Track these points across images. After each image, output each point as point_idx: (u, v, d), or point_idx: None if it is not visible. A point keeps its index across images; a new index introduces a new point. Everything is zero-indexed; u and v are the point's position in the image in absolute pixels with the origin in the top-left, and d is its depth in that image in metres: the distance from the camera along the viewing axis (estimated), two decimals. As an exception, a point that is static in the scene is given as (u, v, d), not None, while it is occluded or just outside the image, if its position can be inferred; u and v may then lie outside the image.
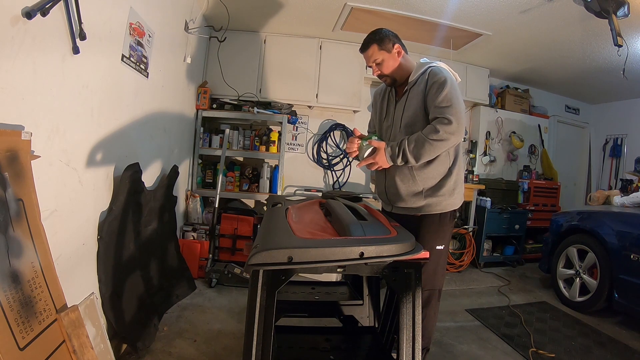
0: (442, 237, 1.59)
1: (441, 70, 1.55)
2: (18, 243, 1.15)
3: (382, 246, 1.09)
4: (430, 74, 1.55)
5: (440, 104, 1.46)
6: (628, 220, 2.73)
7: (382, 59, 1.61)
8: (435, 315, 1.63)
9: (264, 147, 3.59)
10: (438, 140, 1.41)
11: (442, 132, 1.40)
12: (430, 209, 1.58)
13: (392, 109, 1.69)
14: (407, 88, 1.63)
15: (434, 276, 1.58)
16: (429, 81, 1.53)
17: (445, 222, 1.59)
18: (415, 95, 1.58)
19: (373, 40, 1.61)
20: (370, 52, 1.62)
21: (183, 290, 2.49)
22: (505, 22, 2.98)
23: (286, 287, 1.68)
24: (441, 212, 1.58)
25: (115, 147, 1.82)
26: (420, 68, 1.61)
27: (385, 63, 1.62)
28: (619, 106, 4.95)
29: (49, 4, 1.20)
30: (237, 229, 3.25)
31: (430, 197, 1.57)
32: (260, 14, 3.24)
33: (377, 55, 1.61)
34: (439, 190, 1.56)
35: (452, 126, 1.41)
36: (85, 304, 1.50)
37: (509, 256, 4.11)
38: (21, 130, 1.17)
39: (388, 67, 1.63)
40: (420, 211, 1.59)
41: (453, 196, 1.59)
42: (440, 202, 1.57)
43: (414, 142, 1.44)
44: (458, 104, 1.46)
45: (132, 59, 1.91)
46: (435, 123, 1.43)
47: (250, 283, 1.09)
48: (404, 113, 1.61)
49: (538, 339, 2.31)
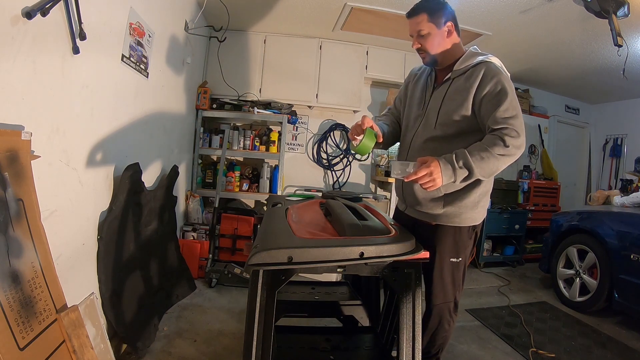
0: (457, 250, 1.40)
1: (500, 71, 1.31)
2: (18, 243, 1.15)
3: (382, 246, 1.10)
4: (486, 71, 1.30)
5: (505, 113, 1.23)
6: (628, 220, 2.73)
7: (427, 32, 1.37)
8: (449, 327, 1.48)
9: (264, 147, 3.58)
10: (506, 155, 1.21)
11: (512, 146, 1.20)
12: (447, 219, 1.39)
13: (427, 96, 1.47)
14: (451, 76, 1.40)
15: (450, 289, 1.43)
16: (484, 81, 1.29)
17: (462, 236, 1.40)
18: (461, 90, 1.34)
19: (425, 8, 1.37)
20: (418, 20, 1.37)
21: (183, 290, 2.50)
22: (505, 22, 2.98)
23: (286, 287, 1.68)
24: (459, 225, 1.39)
25: (115, 147, 1.82)
26: (472, 58, 1.37)
27: (431, 38, 1.37)
28: (619, 106, 4.95)
29: (49, 4, 1.20)
30: (237, 229, 3.25)
31: (450, 205, 1.37)
32: (260, 14, 3.24)
33: (423, 26, 1.36)
34: (461, 201, 1.36)
35: (519, 139, 1.22)
36: (85, 304, 1.50)
37: (509, 256, 4.11)
38: (21, 130, 1.17)
39: (432, 45, 1.38)
40: (435, 219, 1.40)
41: (476, 210, 1.39)
42: (460, 214, 1.37)
43: (478, 155, 1.21)
44: (521, 114, 1.26)
45: (132, 59, 1.91)
46: (502, 135, 1.21)
47: (250, 283, 1.09)
48: (442, 107, 1.38)
49: (538, 339, 2.31)
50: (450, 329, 1.51)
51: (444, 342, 1.52)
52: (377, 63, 3.81)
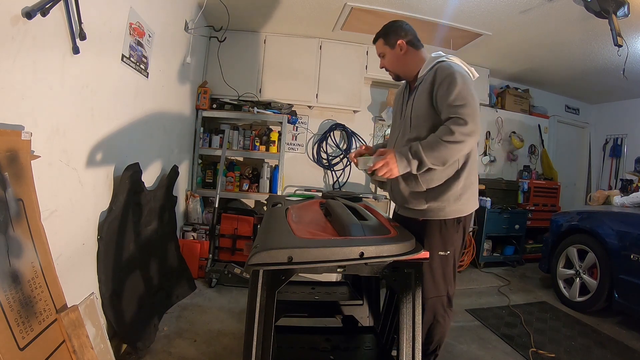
0: (445, 243, 1.47)
1: (451, 66, 1.43)
2: (18, 243, 1.15)
3: (382, 246, 1.10)
4: (438, 70, 1.44)
5: (453, 102, 1.34)
6: (628, 220, 2.73)
7: (384, 53, 1.64)
8: (444, 322, 1.52)
9: (264, 147, 3.58)
10: (453, 142, 1.30)
11: (457, 133, 1.29)
12: (432, 214, 1.47)
13: (403, 107, 1.63)
14: (417, 84, 1.56)
15: (442, 282, 1.48)
16: (438, 77, 1.42)
17: (449, 229, 1.47)
18: (423, 92, 1.48)
19: (380, 34, 1.64)
20: (377, 45, 1.67)
21: (183, 290, 2.50)
22: (505, 22, 2.98)
23: (286, 287, 1.68)
24: (444, 218, 1.46)
25: (115, 147, 1.82)
26: (430, 63, 1.52)
27: (388, 58, 1.64)
28: (619, 106, 4.95)
29: (49, 4, 1.20)
30: (237, 229, 3.25)
31: (434, 201, 1.45)
32: (260, 14, 3.24)
33: (381, 49, 1.65)
34: (443, 195, 1.44)
35: (467, 127, 1.30)
36: (85, 304, 1.50)
37: (509, 256, 4.11)
38: (21, 130, 1.17)
39: (390, 62, 1.64)
40: (422, 215, 1.49)
41: (459, 202, 1.46)
42: (444, 207, 1.45)
43: (428, 145, 1.33)
44: (473, 102, 1.34)
45: (132, 59, 1.91)
46: (450, 124, 1.32)
47: (250, 283, 1.09)
48: (412, 111, 1.53)
49: (538, 339, 2.31)
50: (446, 324, 1.55)
51: (441, 339, 1.55)
52: (377, 63, 3.75)
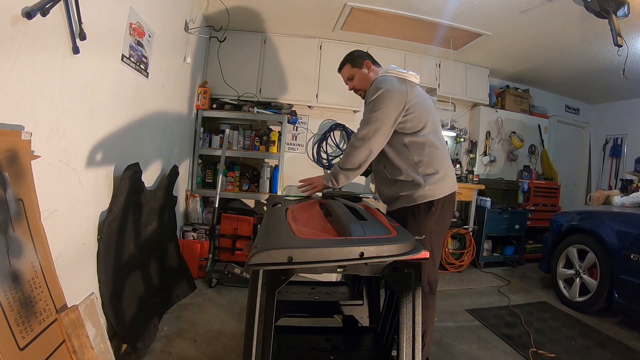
0: (418, 228, 1.59)
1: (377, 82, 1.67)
2: (18, 243, 1.15)
3: (382, 246, 1.09)
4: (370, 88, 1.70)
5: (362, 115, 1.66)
6: (628, 220, 2.73)
7: (354, 74, 1.85)
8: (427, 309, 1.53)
9: (264, 147, 3.59)
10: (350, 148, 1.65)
11: (353, 138, 1.63)
12: (405, 201, 1.65)
13: None
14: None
15: None
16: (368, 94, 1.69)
17: (419, 213, 1.62)
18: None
19: (346, 60, 1.87)
20: (345, 70, 1.88)
21: (183, 290, 2.49)
22: (505, 22, 2.98)
23: (286, 287, 1.68)
24: (413, 204, 1.62)
25: (115, 147, 1.82)
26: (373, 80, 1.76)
27: (357, 78, 1.84)
28: (619, 106, 4.96)
29: (49, 4, 1.20)
30: (237, 229, 3.25)
31: (403, 190, 1.65)
32: (260, 13, 3.24)
33: (350, 72, 1.86)
34: (407, 184, 1.64)
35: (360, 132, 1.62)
36: (85, 304, 1.50)
37: (509, 256, 4.11)
38: (21, 130, 1.17)
39: (360, 81, 1.84)
40: (398, 204, 1.68)
41: (424, 188, 1.61)
42: (412, 194, 1.62)
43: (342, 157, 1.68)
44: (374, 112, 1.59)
45: (132, 59, 1.91)
46: None
47: (250, 283, 1.09)
48: None
49: (538, 339, 2.31)
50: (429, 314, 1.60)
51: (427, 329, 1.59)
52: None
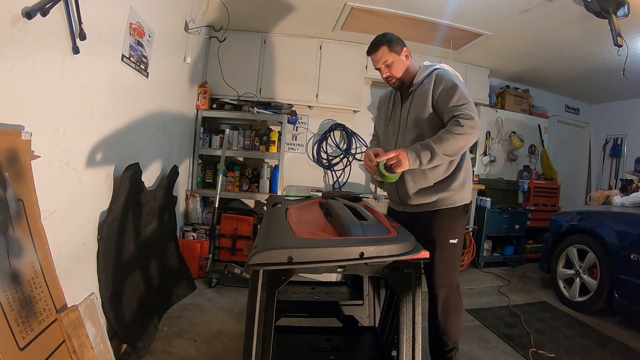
0: (454, 230, 1.60)
1: (447, 72, 1.61)
2: (18, 243, 1.15)
3: (382, 246, 1.09)
4: (437, 77, 1.59)
5: (457, 103, 1.49)
6: (628, 220, 2.73)
7: (392, 61, 1.63)
8: (458, 313, 1.59)
9: (264, 147, 3.59)
10: (462, 134, 1.43)
11: (466, 126, 1.42)
12: (442, 203, 1.61)
13: (397, 112, 1.72)
14: (412, 89, 1.66)
15: (452, 272, 1.59)
16: (437, 84, 1.57)
17: (458, 216, 1.62)
18: (422, 95, 1.61)
19: (382, 42, 1.63)
20: (380, 54, 1.63)
21: (183, 290, 2.49)
22: (505, 22, 2.98)
23: (286, 287, 1.67)
24: (453, 206, 1.61)
25: (115, 147, 1.82)
26: (425, 70, 1.65)
27: (395, 65, 1.64)
28: (619, 106, 4.95)
29: (49, 4, 1.20)
30: (237, 229, 3.25)
31: (442, 191, 1.59)
32: (260, 14, 3.24)
33: (387, 56, 1.63)
34: (450, 185, 1.59)
35: (474, 120, 1.44)
36: (85, 304, 1.50)
37: (509, 256, 4.11)
38: (21, 130, 1.17)
39: (398, 70, 1.65)
40: (433, 206, 1.62)
41: (463, 190, 1.62)
42: (452, 196, 1.60)
43: (438, 139, 1.45)
44: (472, 102, 1.51)
45: (132, 59, 1.91)
46: (458, 118, 1.45)
47: (250, 283, 1.09)
48: (409, 113, 1.64)
49: (538, 339, 2.31)
50: (461, 316, 1.60)
51: (458, 332, 1.59)
52: (377, 63, 3.81)
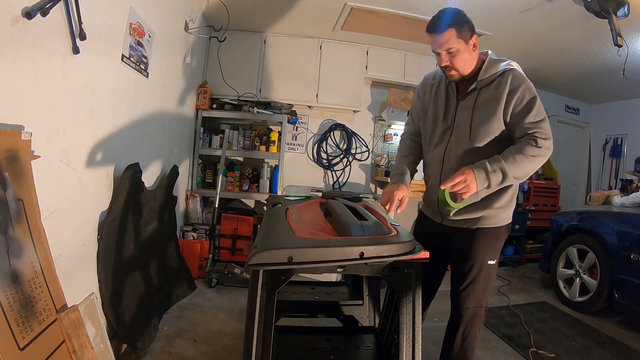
0: (494, 250, 1.48)
1: (523, 76, 1.33)
2: (18, 243, 1.15)
3: (382, 246, 1.09)
4: (513, 80, 1.31)
5: (534, 118, 1.29)
6: (628, 220, 2.73)
7: (457, 49, 1.31)
8: (479, 332, 1.53)
9: (264, 147, 3.58)
10: (537, 156, 1.27)
11: (543, 147, 1.26)
12: (486, 221, 1.44)
13: (452, 108, 1.45)
14: (477, 87, 1.38)
15: (484, 293, 1.48)
16: (513, 91, 1.30)
17: (500, 236, 1.48)
18: (491, 101, 1.34)
19: (453, 23, 1.29)
20: (446, 38, 1.29)
21: (183, 290, 2.50)
22: (505, 22, 2.97)
23: (286, 287, 1.68)
24: (497, 225, 1.45)
25: (115, 147, 1.82)
26: (494, 65, 1.36)
27: (460, 56, 1.32)
28: (619, 106, 4.95)
29: (49, 4, 1.20)
30: (237, 229, 3.25)
31: (488, 209, 1.42)
32: (260, 14, 3.24)
33: (453, 43, 1.30)
34: (496, 202, 1.42)
35: (550, 141, 1.28)
36: (85, 304, 1.50)
37: (509, 256, 4.11)
38: (21, 130, 1.17)
39: (462, 62, 1.34)
40: (475, 224, 1.45)
41: (509, 209, 1.47)
42: (497, 214, 1.44)
43: (512, 160, 1.26)
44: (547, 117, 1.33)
45: (132, 59, 1.91)
46: (534, 137, 1.28)
47: (250, 283, 1.09)
48: (473, 119, 1.37)
49: (538, 339, 2.31)
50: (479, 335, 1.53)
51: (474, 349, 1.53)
52: (377, 63, 3.81)
